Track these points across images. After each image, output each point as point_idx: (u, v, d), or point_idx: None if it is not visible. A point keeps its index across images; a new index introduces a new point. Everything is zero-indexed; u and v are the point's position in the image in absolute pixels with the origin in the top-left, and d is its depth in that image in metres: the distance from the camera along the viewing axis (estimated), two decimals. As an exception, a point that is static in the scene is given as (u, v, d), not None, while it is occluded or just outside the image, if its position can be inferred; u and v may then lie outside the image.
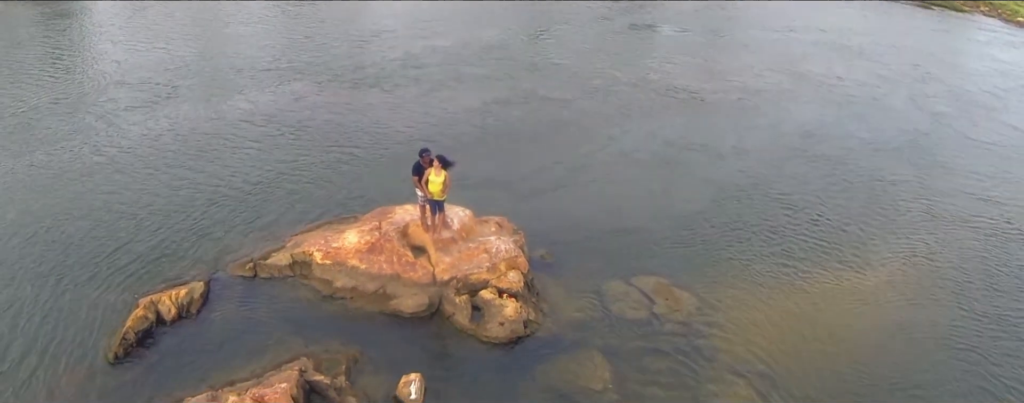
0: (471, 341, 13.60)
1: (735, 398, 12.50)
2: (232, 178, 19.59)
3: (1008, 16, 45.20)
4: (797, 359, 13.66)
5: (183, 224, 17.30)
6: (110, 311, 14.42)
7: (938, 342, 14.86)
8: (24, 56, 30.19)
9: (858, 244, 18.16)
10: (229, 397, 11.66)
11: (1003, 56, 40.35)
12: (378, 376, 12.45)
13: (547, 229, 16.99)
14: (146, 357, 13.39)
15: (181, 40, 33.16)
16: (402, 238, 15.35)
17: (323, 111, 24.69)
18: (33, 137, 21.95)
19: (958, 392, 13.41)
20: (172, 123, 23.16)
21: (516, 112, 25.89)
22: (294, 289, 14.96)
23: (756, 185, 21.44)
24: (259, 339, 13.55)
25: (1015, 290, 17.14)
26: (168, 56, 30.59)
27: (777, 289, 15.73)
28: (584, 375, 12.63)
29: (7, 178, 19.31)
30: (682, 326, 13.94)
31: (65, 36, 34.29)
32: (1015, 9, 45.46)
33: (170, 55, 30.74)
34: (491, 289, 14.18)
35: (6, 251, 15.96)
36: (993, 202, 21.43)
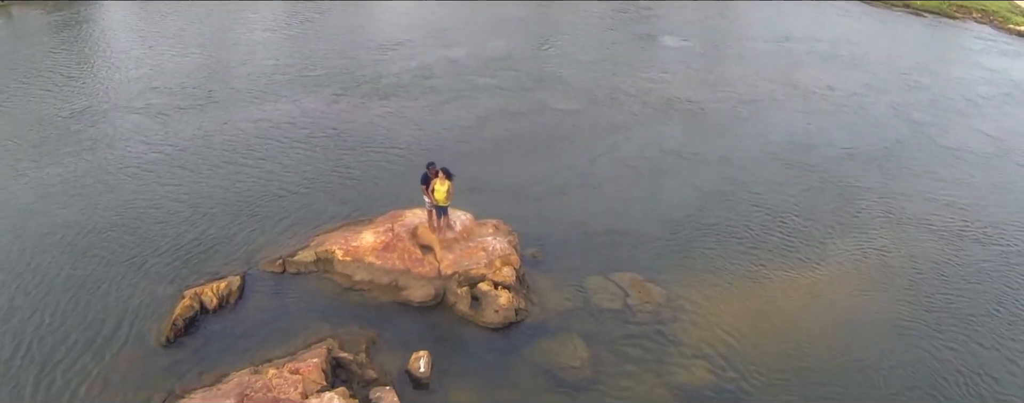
0: (470, 326, 16.17)
1: (694, 376, 14.98)
2: (259, 184, 22.12)
3: (1000, 23, 47.08)
4: (752, 344, 16.11)
5: (218, 226, 19.78)
6: (159, 301, 16.81)
7: (883, 330, 17.26)
8: (51, 62, 32.78)
9: (817, 243, 20.59)
10: (269, 371, 14.21)
11: (992, 64, 42.33)
12: (392, 354, 15.05)
13: (538, 231, 19.59)
14: (193, 340, 15.81)
15: (201, 47, 35.67)
16: (412, 238, 17.97)
17: (340, 122, 27.25)
18: (78, 142, 24.57)
19: (896, 374, 15.77)
20: (201, 132, 25.71)
21: (518, 124, 28.36)
22: (319, 282, 17.50)
23: (735, 191, 23.84)
24: (290, 324, 16.08)
25: (961, 284, 19.53)
26: (191, 64, 33.17)
27: (739, 284, 18.19)
28: (565, 355, 15.18)
29: (65, 180, 21.90)
30: (651, 315, 16.44)
31: (88, 42, 36.79)
32: (1006, 16, 47.30)
33: (193, 63, 33.31)
34: (488, 282, 16.73)
35: (69, 249, 18.45)
36: (950, 205, 23.77)
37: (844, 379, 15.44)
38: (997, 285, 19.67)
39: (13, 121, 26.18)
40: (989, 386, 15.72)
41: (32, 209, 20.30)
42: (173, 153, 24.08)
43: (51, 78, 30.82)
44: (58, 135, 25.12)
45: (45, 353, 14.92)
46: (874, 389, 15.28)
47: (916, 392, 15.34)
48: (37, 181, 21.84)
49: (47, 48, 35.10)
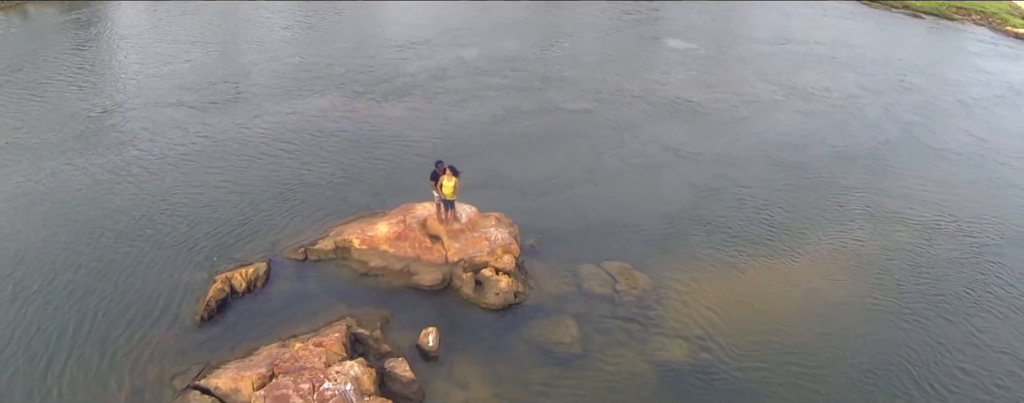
0: (474, 307, 18.14)
1: (674, 353, 16.85)
2: (281, 178, 24.14)
3: (998, 25, 48.39)
4: (729, 326, 17.96)
5: (245, 216, 21.78)
6: (192, 285, 18.76)
7: (854, 312, 19.09)
8: (78, 59, 35.02)
9: (797, 235, 22.42)
10: (295, 344, 16.20)
11: (987, 66, 43.74)
12: (404, 330, 17.04)
13: (537, 223, 21.54)
14: (225, 319, 17.78)
15: (219, 47, 37.81)
16: (422, 229, 19.97)
17: (355, 120, 29.26)
18: (116, 135, 26.73)
19: (865, 350, 17.58)
20: (227, 129, 27.74)
21: (524, 123, 30.28)
22: (337, 268, 19.49)
23: (725, 186, 25.67)
24: (313, 305, 18.05)
25: (931, 272, 21.32)
26: (212, 62, 35.30)
27: (720, 272, 20.07)
28: (558, 333, 17.12)
29: (111, 171, 24.01)
30: (637, 300, 18.34)
31: (109, 40, 38.87)
32: (1005, 18, 48.63)
33: (213, 62, 35.46)
34: (490, 268, 18.70)
35: (117, 235, 20.46)
36: (926, 201, 25.49)
37: (814, 355, 17.26)
38: (965, 273, 21.43)
39: (51, 115, 28.41)
40: (953, 358, 17.61)
41: (85, 196, 22.51)
42: (202, 148, 26.15)
43: (80, 74, 33.07)
44: (96, 129, 27.34)
45: (100, 327, 16.96)
46: (843, 363, 17.11)
47: (884, 366, 17.15)
48: (86, 171, 24.08)
49: (69, 46, 37.33)
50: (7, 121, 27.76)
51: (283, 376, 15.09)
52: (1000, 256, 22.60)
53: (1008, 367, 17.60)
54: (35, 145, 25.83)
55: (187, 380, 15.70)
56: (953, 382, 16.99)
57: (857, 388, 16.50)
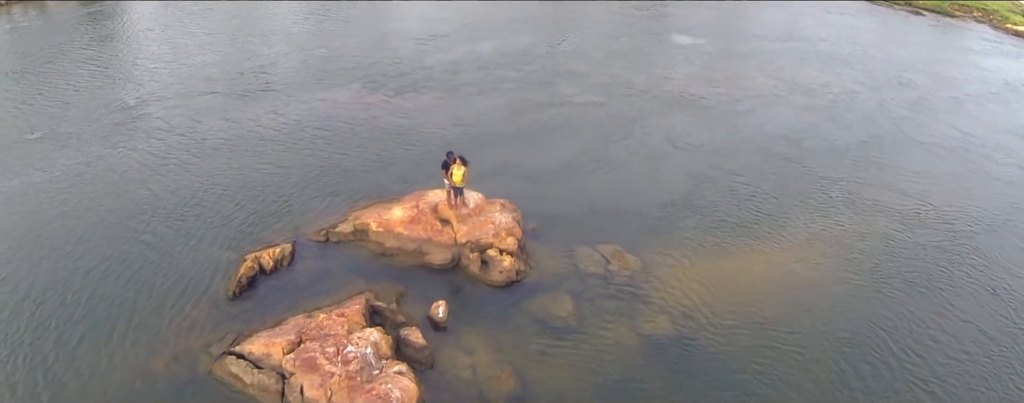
0: (480, 284, 20.23)
1: (658, 326, 18.83)
2: (303, 167, 26.24)
3: (998, 23, 49.80)
4: (711, 303, 19.91)
5: (271, 202, 23.88)
6: (224, 263, 20.82)
7: (830, 290, 21.00)
8: (109, 52, 37.38)
9: (780, 222, 24.33)
10: (320, 315, 18.29)
11: (985, 63, 45.29)
12: (417, 303, 19.13)
13: (539, 209, 23.60)
14: (255, 294, 19.81)
15: (237, 42, 40.00)
16: (433, 213, 22.05)
17: (372, 113, 31.37)
18: (153, 125, 28.94)
19: (838, 323, 19.49)
20: (253, 120, 29.89)
21: (532, 115, 32.35)
22: (356, 249, 21.57)
23: (719, 176, 27.59)
24: (334, 282, 20.13)
25: (906, 256, 23.19)
26: (233, 57, 37.55)
27: (706, 254, 22.03)
28: (555, 307, 19.16)
29: (142, 160, 26.18)
30: (627, 279, 20.36)
31: (130, 35, 41.20)
32: (1005, 15, 50.01)
33: (234, 56, 37.70)
34: (495, 249, 20.75)
35: (161, 217, 22.61)
36: (907, 192, 27.29)
37: (791, 328, 19.20)
38: (939, 256, 23.34)
39: (89, 104, 30.80)
40: (923, 330, 19.66)
41: (127, 181, 24.82)
42: (230, 138, 28.33)
43: (110, 65, 35.50)
44: (132, 117, 29.73)
45: (145, 300, 19.05)
46: (819, 334, 19.08)
47: (858, 336, 19.14)
48: (126, 158, 26.39)
49: (94, 38, 39.70)
50: (49, 110, 30.08)
51: (310, 342, 17.20)
52: (974, 241, 24.44)
53: (973, 336, 19.63)
54: (78, 132, 28.11)
55: (223, 347, 17.73)
56: (923, 349, 18.97)
57: (832, 356, 18.44)
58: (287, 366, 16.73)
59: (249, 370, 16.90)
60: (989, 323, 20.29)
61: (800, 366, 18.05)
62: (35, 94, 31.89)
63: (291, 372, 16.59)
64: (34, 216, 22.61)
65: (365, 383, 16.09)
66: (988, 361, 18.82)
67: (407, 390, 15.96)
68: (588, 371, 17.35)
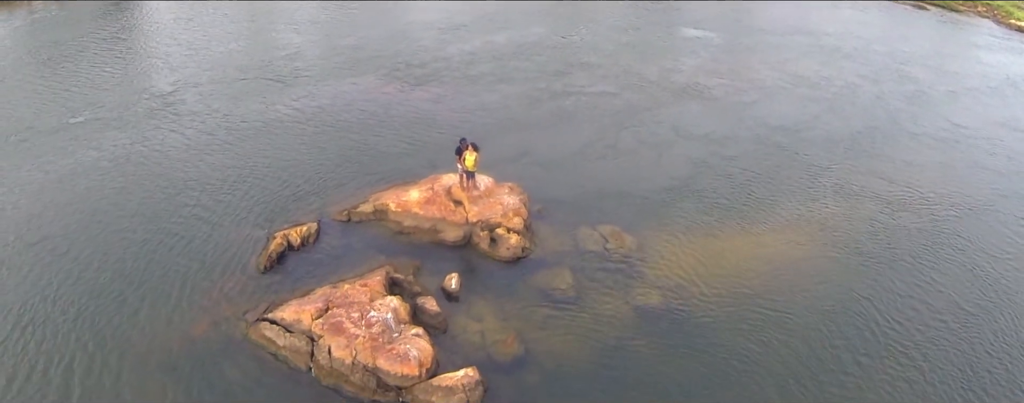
0: (489, 259, 22.34)
1: (650, 299, 20.81)
2: (326, 151, 28.41)
3: (1002, 18, 51.13)
4: (700, 279, 21.90)
5: (296, 184, 25.98)
6: (254, 241, 22.89)
7: (814, 268, 22.92)
8: (127, 44, 39.61)
9: (771, 207, 26.30)
10: (344, 285, 20.46)
11: (986, 58, 46.82)
12: (432, 276, 21.28)
13: (544, 192, 25.67)
14: (284, 268, 21.90)
15: (259, 36, 42.17)
16: (447, 195, 24.16)
17: (390, 102, 33.50)
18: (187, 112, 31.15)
19: (824, 301, 21.38)
20: (280, 107, 32.07)
21: (542, 105, 34.42)
22: (376, 227, 23.69)
23: (718, 163, 29.54)
24: (357, 257, 22.26)
25: (889, 239, 25.09)
26: (256, 49, 39.68)
27: (698, 235, 24.03)
28: (556, 281, 21.24)
29: (179, 143, 28.41)
30: (623, 257, 22.41)
31: (151, 29, 43.15)
32: (1009, 11, 51.33)
33: (258, 49, 39.82)
34: (503, 228, 22.82)
35: (187, 201, 24.75)
36: (894, 180, 29.11)
37: (776, 301, 21.12)
38: (921, 238, 25.26)
39: (124, 92, 33.11)
40: (902, 302, 21.71)
41: (166, 163, 27.02)
42: (259, 124, 30.58)
43: (139, 56, 37.88)
44: (166, 104, 31.95)
45: (184, 274, 21.04)
46: (803, 307, 21.03)
47: (840, 308, 21.12)
48: (164, 141, 28.66)
49: (120, 30, 42.05)
50: (87, 96, 32.42)
51: (336, 309, 19.36)
52: (955, 225, 26.32)
53: (949, 307, 21.71)
54: (118, 117, 30.43)
55: (257, 314, 19.83)
56: (902, 317, 21.04)
57: (814, 323, 20.46)
58: (316, 330, 18.85)
59: (282, 334, 19.00)
60: (964, 297, 22.28)
61: (784, 332, 20.01)
62: (72, 81, 34.20)
63: (320, 335, 18.71)
64: (89, 193, 24.87)
65: (386, 344, 18.23)
66: (962, 329, 20.85)
67: (423, 350, 18.11)
68: (585, 337, 19.43)
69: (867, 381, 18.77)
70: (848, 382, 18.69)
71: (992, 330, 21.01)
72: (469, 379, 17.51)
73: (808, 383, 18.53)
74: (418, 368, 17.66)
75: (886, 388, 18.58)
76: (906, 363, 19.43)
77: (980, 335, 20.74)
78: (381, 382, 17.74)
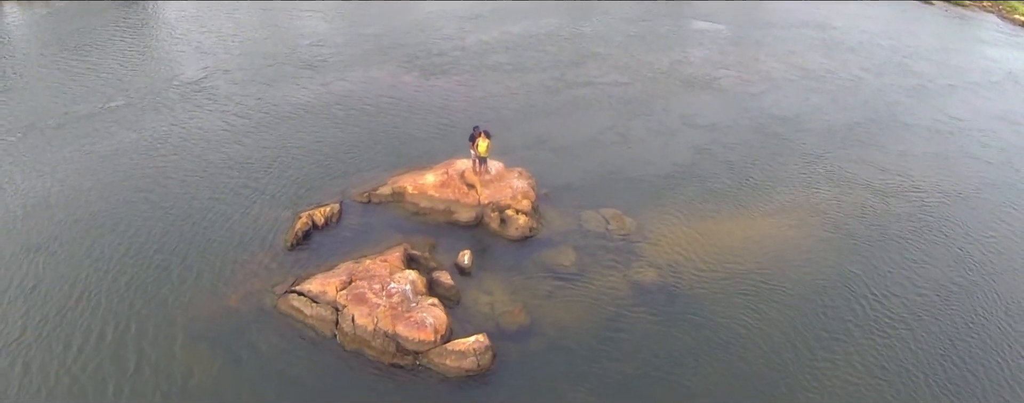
0: (499, 238, 24.36)
1: (646, 277, 22.71)
2: (347, 137, 30.48)
3: (1006, 13, 52.43)
4: (693, 258, 23.80)
5: (320, 168, 28.02)
6: (281, 220, 24.91)
7: (804, 250, 24.75)
8: (153, 35, 41.71)
9: (764, 192, 28.16)
10: (366, 260, 22.48)
11: (990, 52, 48.21)
12: (446, 253, 23.32)
13: (551, 177, 27.68)
14: (310, 245, 23.88)
15: (279, 27, 44.13)
16: (461, 179, 26.16)
17: (407, 91, 35.53)
18: (215, 99, 33.26)
19: (812, 279, 23.24)
20: (302, 96, 34.13)
21: (552, 95, 36.36)
22: (395, 208, 25.71)
23: (718, 151, 31.38)
24: (377, 235, 24.29)
25: (877, 222, 26.94)
26: (280, 39, 41.77)
27: (694, 218, 25.92)
28: (561, 258, 23.23)
29: (210, 128, 30.52)
30: (623, 238, 24.36)
31: (168, 23, 44.96)
32: (1014, 6, 52.59)
33: (281, 38, 41.89)
34: (512, 209, 24.82)
35: (221, 183, 26.82)
36: (885, 169, 30.82)
37: (765, 278, 23.01)
38: (908, 222, 27.09)
39: (154, 80, 35.29)
40: (888, 279, 23.68)
41: (200, 146, 29.16)
42: (283, 110, 32.71)
43: (167, 44, 40.13)
44: (196, 91, 34.11)
45: (216, 250, 23.07)
46: (791, 284, 22.91)
47: (828, 286, 23.04)
48: (197, 126, 30.84)
49: (143, 20, 44.12)
50: (121, 83, 34.66)
51: (359, 281, 21.40)
52: (943, 210, 28.12)
53: (932, 284, 23.72)
54: (152, 103, 32.66)
55: (285, 287, 21.88)
56: (887, 293, 23.02)
57: (802, 296, 22.41)
58: (340, 300, 20.88)
59: (309, 304, 21.03)
60: (948, 275, 24.24)
61: (773, 305, 21.94)
62: (102, 68, 36.41)
63: (344, 305, 20.74)
64: (130, 173, 27.07)
65: (405, 313, 20.26)
66: (943, 303, 22.88)
67: (438, 318, 20.13)
68: (586, 310, 21.41)
69: (854, 347, 20.72)
70: (836, 348, 20.64)
71: (972, 306, 22.96)
72: (479, 344, 19.54)
73: (797, 351, 20.45)
74: (434, 334, 19.70)
75: (872, 355, 20.51)
76: (891, 333, 21.36)
77: (958, 307, 22.67)
78: (400, 347, 19.78)
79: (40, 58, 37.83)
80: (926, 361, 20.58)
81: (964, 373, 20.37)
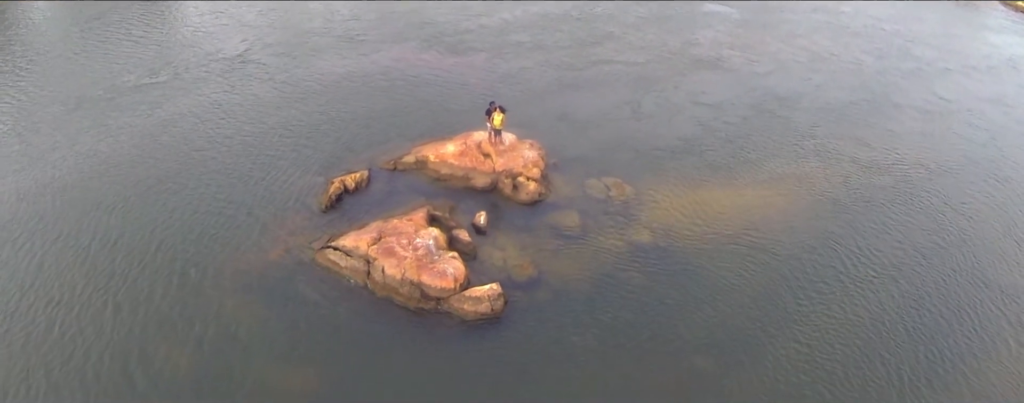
0: (511, 202, 27.85)
1: (642, 237, 26.09)
2: (374, 110, 33.88)
3: (1011, 1, 54.62)
4: (687, 222, 27.12)
5: (348, 138, 31.44)
6: (315, 185, 28.25)
7: (790, 216, 27.98)
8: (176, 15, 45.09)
9: (757, 165, 31.37)
10: (393, 220, 25.92)
11: (993, 39, 50.50)
12: (465, 213, 26.82)
13: (560, 148, 31.09)
14: (342, 207, 27.24)
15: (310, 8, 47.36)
16: (478, 149, 29.61)
17: (428, 67, 38.86)
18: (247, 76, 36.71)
19: (796, 241, 26.52)
20: (330, 72, 37.53)
21: (564, 72, 39.64)
22: (418, 175, 29.13)
23: (718, 127, 34.50)
24: (402, 198, 27.71)
25: (862, 193, 30.14)
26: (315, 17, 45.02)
27: (688, 187, 29.20)
28: (566, 221, 26.67)
29: (250, 103, 33.95)
30: (622, 203, 27.76)
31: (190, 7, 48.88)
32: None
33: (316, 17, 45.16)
34: (524, 177, 28.26)
35: (259, 153, 30.19)
36: (874, 146, 33.82)
37: (750, 238, 26.36)
38: (889, 194, 30.20)
39: (197, 53, 38.81)
40: (864, 244, 26.95)
41: (243, 117, 32.68)
42: (317, 84, 36.30)
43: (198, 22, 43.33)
44: (234, 67, 37.51)
45: (258, 212, 26.45)
46: (774, 242, 26.28)
47: (811, 247, 26.34)
48: (239, 98, 34.35)
49: (167, 5, 47.22)
50: (163, 58, 38.18)
51: (388, 237, 24.86)
52: (924, 184, 31.17)
53: (907, 249, 26.97)
54: (194, 77, 36.18)
55: (322, 243, 25.30)
56: (866, 256, 26.34)
57: (783, 259, 25.63)
58: (372, 253, 24.29)
59: (343, 257, 24.46)
60: (924, 238, 27.67)
61: (756, 262, 25.34)
62: (142, 44, 39.90)
63: (374, 257, 24.16)
64: (183, 142, 30.71)
65: (429, 264, 23.74)
66: (919, 261, 26.38)
67: (458, 269, 23.61)
68: (587, 265, 24.84)
69: (831, 298, 24.14)
70: (814, 299, 24.06)
71: (946, 264, 26.50)
72: (493, 292, 23.01)
73: (777, 301, 23.89)
74: (453, 282, 23.21)
75: (848, 305, 23.94)
76: (867, 287, 24.85)
77: (936, 267, 26.22)
78: (424, 293, 23.30)
79: (81, 36, 41.33)
80: (900, 311, 23.92)
81: (937, 320, 23.77)
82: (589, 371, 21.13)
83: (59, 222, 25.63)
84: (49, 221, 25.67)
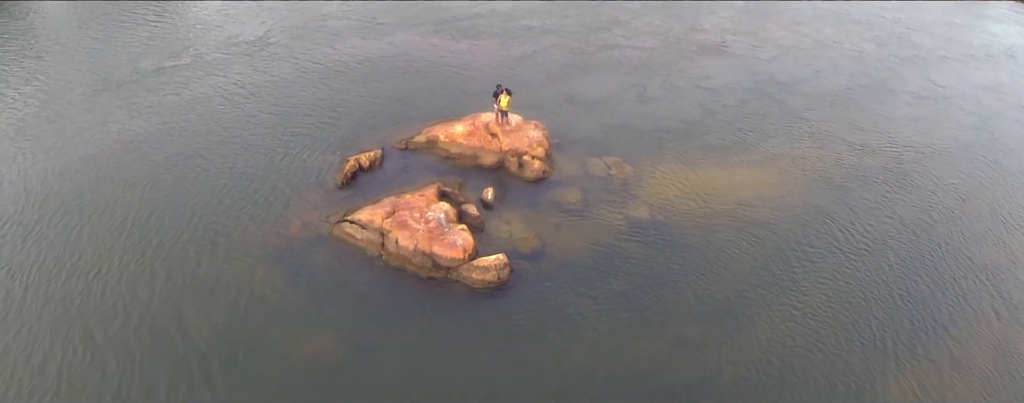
0: (517, 179, 29.78)
1: (639, 213, 27.93)
2: (386, 92, 35.86)
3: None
4: (683, 200, 28.96)
5: (363, 119, 33.43)
6: (332, 163, 30.24)
7: (783, 193, 29.78)
8: None
9: (751, 146, 33.12)
10: (406, 195, 27.88)
11: (994, 28, 51.67)
12: (473, 190, 28.75)
13: (563, 129, 32.99)
14: (357, 184, 29.21)
15: None
16: (485, 129, 31.51)
17: (438, 52, 40.76)
18: (271, 59, 38.66)
19: (788, 216, 28.29)
20: (342, 56, 39.46)
21: (570, 57, 41.42)
22: (429, 154, 31.06)
23: (718, 110, 36.27)
24: (414, 175, 29.66)
25: (852, 174, 31.80)
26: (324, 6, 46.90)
27: (684, 166, 31.01)
28: (568, 196, 28.58)
29: (270, 85, 35.94)
30: (622, 181, 29.63)
31: None
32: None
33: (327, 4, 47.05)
34: (529, 156, 30.16)
35: (278, 132, 32.23)
36: (866, 129, 35.50)
37: (744, 213, 28.21)
38: (879, 173, 31.95)
39: (218, 37, 40.79)
40: (854, 218, 28.77)
41: (268, 98, 34.69)
42: (333, 66, 38.29)
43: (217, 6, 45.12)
44: (254, 50, 39.49)
45: (278, 189, 28.48)
46: (767, 217, 28.14)
47: (799, 218, 28.23)
48: (259, 79, 36.40)
49: None
50: (184, 42, 40.16)
51: (401, 211, 26.78)
52: (914, 165, 32.85)
53: (895, 224, 28.72)
54: (216, 60, 38.24)
55: (338, 217, 27.26)
56: (856, 231, 28.14)
57: (775, 233, 27.46)
58: (386, 226, 26.22)
59: (359, 230, 26.38)
60: (912, 214, 29.46)
61: (748, 237, 27.18)
62: (162, 29, 41.94)
63: (389, 230, 26.09)
64: (210, 120, 32.78)
65: (439, 236, 25.67)
66: (907, 235, 28.23)
67: (467, 240, 25.54)
68: (587, 238, 26.75)
69: (821, 269, 25.96)
70: (804, 271, 25.87)
71: (933, 238, 28.30)
72: (500, 261, 24.94)
73: (768, 273, 25.71)
74: (463, 253, 25.16)
75: (837, 276, 25.75)
76: (856, 258, 26.65)
77: (924, 241, 28.01)
78: (435, 263, 25.26)
79: (101, 23, 43.38)
80: (888, 283, 25.69)
81: (923, 292, 25.51)
82: (588, 336, 22.99)
83: (96, 197, 27.72)
84: (86, 197, 27.77)
